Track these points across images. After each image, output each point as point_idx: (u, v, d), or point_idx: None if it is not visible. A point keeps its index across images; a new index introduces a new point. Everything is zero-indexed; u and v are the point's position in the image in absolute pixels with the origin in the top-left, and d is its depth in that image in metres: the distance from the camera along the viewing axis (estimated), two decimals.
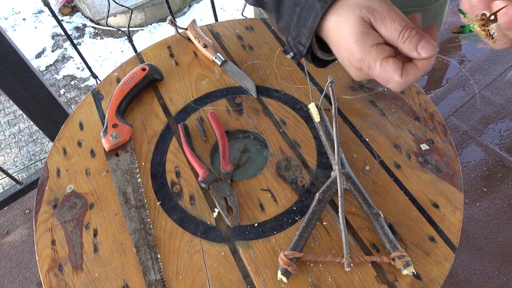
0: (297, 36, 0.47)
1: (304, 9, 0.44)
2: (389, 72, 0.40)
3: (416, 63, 0.40)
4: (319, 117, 0.62)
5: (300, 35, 0.46)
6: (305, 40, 0.46)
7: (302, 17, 0.45)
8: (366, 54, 0.40)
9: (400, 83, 0.40)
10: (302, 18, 0.45)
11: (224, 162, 0.61)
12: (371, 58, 0.40)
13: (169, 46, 0.80)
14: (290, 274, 0.50)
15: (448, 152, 0.61)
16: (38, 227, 0.59)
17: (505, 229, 1.40)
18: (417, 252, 0.52)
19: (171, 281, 0.53)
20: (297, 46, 0.48)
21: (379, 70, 0.40)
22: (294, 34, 0.47)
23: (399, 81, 0.40)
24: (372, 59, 0.40)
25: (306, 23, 0.44)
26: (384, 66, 0.40)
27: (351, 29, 0.40)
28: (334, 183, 0.56)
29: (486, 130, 1.66)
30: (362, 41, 0.40)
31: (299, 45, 0.47)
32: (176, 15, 2.66)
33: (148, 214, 0.58)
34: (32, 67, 1.12)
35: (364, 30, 0.40)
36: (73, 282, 0.54)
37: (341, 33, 0.42)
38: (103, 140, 0.64)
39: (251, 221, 0.57)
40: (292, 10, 0.46)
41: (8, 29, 2.66)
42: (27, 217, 1.59)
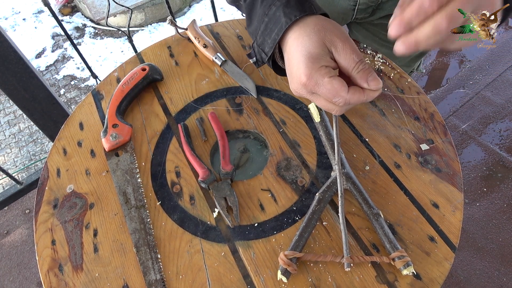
0: (262, 44, 0.50)
1: (271, 20, 0.47)
2: (337, 87, 0.42)
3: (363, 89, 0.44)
4: (319, 117, 0.62)
5: (264, 44, 0.50)
6: (268, 49, 0.49)
7: (269, 27, 0.48)
8: (315, 72, 0.43)
9: (346, 99, 0.42)
10: (268, 28, 0.48)
11: (224, 162, 0.61)
12: (320, 75, 0.43)
13: (169, 46, 0.80)
14: (290, 274, 0.50)
15: (448, 152, 0.61)
16: (38, 227, 0.59)
17: (505, 229, 1.40)
18: (417, 252, 0.52)
19: (171, 281, 0.53)
20: (260, 53, 0.51)
21: (327, 85, 0.42)
22: (260, 41, 0.50)
23: (345, 96, 0.42)
24: (321, 76, 0.43)
25: (271, 34, 0.48)
26: (332, 82, 0.42)
27: (309, 47, 0.43)
28: (334, 183, 0.56)
29: (486, 130, 1.66)
30: (315, 59, 0.43)
31: (262, 52, 0.51)
32: (176, 15, 2.66)
33: (148, 214, 0.58)
34: (32, 67, 1.12)
35: (321, 51, 0.43)
36: (73, 282, 0.54)
37: (298, 47, 0.44)
38: (103, 140, 0.64)
39: (251, 221, 0.57)
40: (261, 19, 0.49)
41: (8, 29, 2.66)
42: (27, 217, 1.59)
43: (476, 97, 1.78)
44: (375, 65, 0.72)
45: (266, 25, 0.49)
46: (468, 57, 1.96)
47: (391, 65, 0.72)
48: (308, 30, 0.44)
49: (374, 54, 0.73)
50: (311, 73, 0.43)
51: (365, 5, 0.78)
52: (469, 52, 1.97)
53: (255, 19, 0.51)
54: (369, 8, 0.79)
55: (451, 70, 1.93)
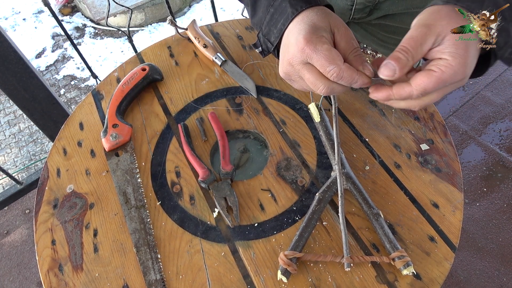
0: (267, 34, 0.51)
1: (277, 11, 0.49)
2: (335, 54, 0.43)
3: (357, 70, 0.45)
4: (319, 117, 0.62)
5: (270, 34, 0.51)
6: (274, 38, 0.51)
7: (274, 18, 0.49)
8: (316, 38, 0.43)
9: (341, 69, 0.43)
10: (274, 19, 0.49)
11: (224, 162, 0.61)
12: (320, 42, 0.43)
13: (169, 46, 0.80)
14: (290, 274, 0.50)
15: (448, 152, 0.61)
16: (38, 227, 0.59)
17: (505, 229, 1.40)
18: (417, 252, 0.52)
19: (171, 281, 0.53)
20: (266, 43, 0.53)
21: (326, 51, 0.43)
22: (265, 32, 0.52)
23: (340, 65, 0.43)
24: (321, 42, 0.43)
25: (277, 24, 0.49)
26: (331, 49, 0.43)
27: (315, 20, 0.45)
28: (334, 183, 0.56)
29: (486, 130, 1.66)
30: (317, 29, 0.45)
31: (268, 42, 0.52)
32: (176, 15, 2.66)
33: (148, 214, 0.58)
34: (32, 67, 1.12)
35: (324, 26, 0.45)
36: (73, 282, 0.54)
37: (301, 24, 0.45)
38: (103, 140, 0.64)
39: (251, 221, 0.57)
40: (266, 9, 0.50)
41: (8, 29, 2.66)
42: (27, 217, 1.59)
43: (476, 97, 1.78)
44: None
45: (272, 15, 0.50)
46: None
47: None
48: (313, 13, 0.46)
49: (374, 54, 0.73)
50: (311, 38, 0.43)
51: (362, 5, 0.78)
52: None
53: (260, 10, 0.52)
54: (367, 8, 0.79)
55: None
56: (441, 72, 0.40)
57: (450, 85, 0.42)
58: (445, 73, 0.40)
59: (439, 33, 0.40)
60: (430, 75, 0.40)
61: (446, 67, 0.40)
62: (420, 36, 0.41)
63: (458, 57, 0.39)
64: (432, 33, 0.40)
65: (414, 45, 0.41)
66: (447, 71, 0.40)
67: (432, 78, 0.40)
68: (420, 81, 0.41)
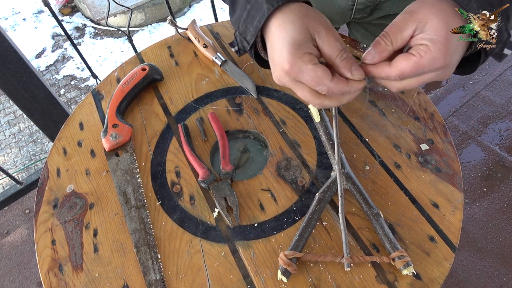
0: (244, 32, 0.49)
1: (253, 8, 0.47)
2: (321, 75, 0.42)
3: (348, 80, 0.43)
4: (319, 117, 0.62)
5: (246, 32, 0.49)
6: (250, 37, 0.48)
7: (251, 15, 0.47)
8: (299, 58, 0.42)
9: (330, 87, 0.42)
10: (250, 16, 0.47)
11: (224, 162, 0.61)
12: (303, 62, 0.42)
13: (169, 46, 0.80)
14: (290, 274, 0.50)
15: (448, 152, 0.61)
16: (38, 227, 0.59)
17: (505, 229, 1.40)
18: (417, 252, 0.52)
19: (171, 281, 0.53)
20: (242, 42, 0.50)
21: (311, 73, 0.42)
22: (242, 30, 0.49)
23: (328, 84, 0.42)
24: (304, 63, 0.42)
25: (253, 21, 0.47)
26: (316, 69, 0.42)
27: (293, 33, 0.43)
28: (334, 183, 0.56)
29: (486, 130, 1.66)
30: (298, 46, 0.42)
31: (244, 41, 0.50)
32: (176, 15, 2.66)
33: (148, 214, 0.58)
34: (32, 67, 1.12)
35: (304, 38, 0.43)
36: (73, 282, 0.54)
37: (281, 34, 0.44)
38: (103, 140, 0.64)
39: (251, 221, 0.57)
40: (243, 6, 0.48)
41: (8, 29, 2.66)
42: (27, 217, 1.59)
43: (476, 97, 1.78)
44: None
45: (249, 12, 0.48)
46: None
47: None
48: (292, 17, 0.44)
49: None
50: (294, 60, 0.42)
51: (363, 5, 0.78)
52: None
53: (238, 7, 0.50)
54: (367, 8, 0.79)
55: None
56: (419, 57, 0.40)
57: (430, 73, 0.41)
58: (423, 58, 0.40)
59: (420, 19, 0.40)
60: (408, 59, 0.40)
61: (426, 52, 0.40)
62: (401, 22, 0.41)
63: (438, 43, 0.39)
64: (413, 20, 0.41)
65: (394, 30, 0.42)
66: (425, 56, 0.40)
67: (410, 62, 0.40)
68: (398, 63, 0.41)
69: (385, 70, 0.42)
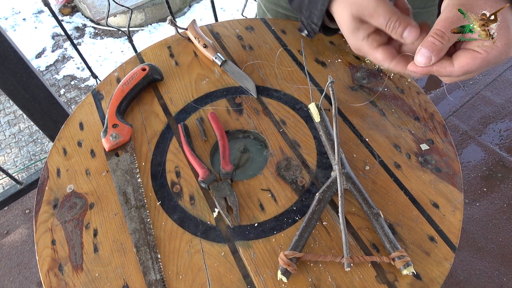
0: (310, 16, 0.54)
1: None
2: (380, 59, 0.47)
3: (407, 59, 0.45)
4: (319, 117, 0.62)
5: (312, 16, 0.53)
6: (317, 19, 0.53)
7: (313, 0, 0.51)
8: (359, 46, 0.48)
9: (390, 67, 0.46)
10: (313, 1, 0.51)
11: (224, 162, 0.61)
12: (364, 49, 0.48)
13: (169, 46, 0.80)
14: (290, 274, 0.50)
15: (448, 152, 0.61)
16: (38, 227, 0.59)
17: (505, 229, 1.40)
18: (417, 252, 0.52)
19: (171, 281, 0.53)
20: (310, 25, 0.55)
21: (371, 57, 0.48)
22: (307, 15, 0.54)
23: (389, 65, 0.46)
24: (364, 49, 0.48)
25: (317, 6, 0.51)
26: (375, 54, 0.46)
27: (345, 24, 0.47)
28: (334, 183, 0.56)
29: (486, 130, 1.66)
30: (354, 35, 0.47)
31: (312, 24, 0.54)
32: (176, 15, 2.66)
33: (148, 214, 0.58)
34: (32, 67, 1.12)
35: (355, 25, 0.46)
36: (73, 282, 0.54)
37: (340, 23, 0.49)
38: (103, 140, 0.64)
39: (251, 221, 0.57)
40: None
41: (8, 29, 2.66)
42: (27, 217, 1.59)
43: (476, 97, 1.78)
44: (376, 64, 0.72)
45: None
46: None
47: None
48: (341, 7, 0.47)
49: None
50: (357, 47, 0.48)
51: None
52: None
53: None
54: None
55: None
56: (486, 54, 0.38)
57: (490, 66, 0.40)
58: (490, 54, 0.38)
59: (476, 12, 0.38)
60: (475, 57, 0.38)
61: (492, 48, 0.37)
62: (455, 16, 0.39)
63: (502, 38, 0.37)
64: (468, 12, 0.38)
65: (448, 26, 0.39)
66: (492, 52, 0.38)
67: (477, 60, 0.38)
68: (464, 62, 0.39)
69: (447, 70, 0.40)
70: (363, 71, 0.71)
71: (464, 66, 0.39)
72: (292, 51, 0.75)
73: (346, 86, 0.70)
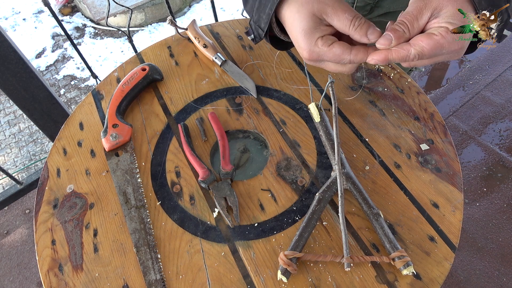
0: (258, 21, 0.51)
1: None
2: (339, 53, 0.44)
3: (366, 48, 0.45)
4: (319, 117, 0.62)
5: (260, 20, 0.51)
6: (264, 24, 0.50)
7: (262, 3, 0.49)
8: (313, 46, 0.45)
9: (350, 59, 0.45)
10: (262, 5, 0.50)
11: (224, 162, 0.61)
12: (318, 48, 0.45)
13: (169, 46, 0.80)
14: (290, 274, 0.50)
15: (448, 152, 0.61)
16: (38, 227, 0.59)
17: (505, 229, 1.40)
18: (417, 252, 0.52)
19: (171, 281, 0.53)
20: (257, 30, 0.53)
21: (329, 54, 0.45)
22: (255, 18, 0.52)
23: (348, 58, 0.44)
24: (319, 48, 0.45)
25: (265, 10, 0.49)
26: (332, 50, 0.44)
27: (301, 23, 0.45)
28: (334, 183, 0.56)
29: (486, 130, 1.66)
30: (309, 34, 0.45)
31: (259, 28, 0.52)
32: (176, 15, 2.66)
33: (148, 214, 0.58)
34: (32, 67, 1.12)
35: (313, 25, 0.45)
36: (73, 282, 0.54)
37: (293, 24, 0.46)
38: (103, 140, 0.64)
39: (251, 221, 0.57)
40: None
41: (8, 29, 2.66)
42: (27, 217, 1.59)
43: (476, 97, 1.78)
44: (375, 64, 0.72)
45: (260, 1, 0.50)
46: (468, 57, 1.96)
47: (391, 65, 0.72)
48: (297, 5, 0.46)
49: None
50: (309, 47, 0.45)
51: (363, 2, 0.78)
52: None
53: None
54: (367, 6, 0.80)
55: (451, 70, 1.93)
56: (441, 37, 0.40)
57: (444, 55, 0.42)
58: (444, 38, 0.40)
59: (435, 7, 0.41)
60: (430, 37, 0.41)
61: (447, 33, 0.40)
62: (416, 10, 0.42)
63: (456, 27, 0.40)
64: (428, 7, 0.42)
65: (410, 18, 0.42)
66: (447, 36, 0.40)
67: (432, 40, 0.40)
68: (419, 40, 0.41)
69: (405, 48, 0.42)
70: (363, 71, 0.71)
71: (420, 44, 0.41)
72: (292, 51, 0.75)
73: (346, 86, 0.70)
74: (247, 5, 0.55)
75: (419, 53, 0.41)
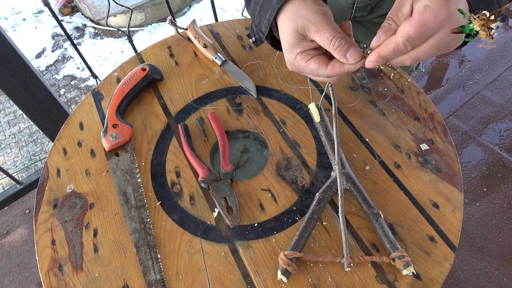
0: (259, 24, 0.53)
1: (265, 2, 0.51)
2: (315, 68, 0.47)
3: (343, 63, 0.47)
4: (319, 117, 0.62)
5: (261, 24, 0.53)
6: (264, 28, 0.53)
7: (263, 8, 0.51)
8: (293, 60, 0.48)
9: (327, 74, 0.47)
10: (263, 10, 0.51)
11: (224, 162, 0.61)
12: (297, 62, 0.48)
13: (169, 46, 0.80)
14: (290, 274, 0.50)
15: (448, 152, 0.61)
16: (38, 227, 0.59)
17: (505, 229, 1.40)
18: (417, 252, 0.52)
19: (171, 281, 0.53)
20: (258, 33, 0.55)
21: (306, 69, 0.48)
22: (257, 22, 0.54)
23: (324, 73, 0.47)
24: (298, 63, 0.48)
25: (266, 15, 0.51)
26: (309, 66, 0.47)
27: (286, 37, 0.48)
28: (334, 183, 0.56)
29: (486, 130, 1.66)
30: (291, 49, 0.48)
31: (259, 32, 0.54)
32: (176, 15, 2.66)
33: (148, 214, 0.58)
34: (32, 67, 1.12)
35: (294, 41, 0.47)
36: (73, 282, 0.54)
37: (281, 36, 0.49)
38: (103, 140, 0.64)
39: (251, 221, 0.57)
40: (256, 0, 0.53)
41: (8, 29, 2.66)
42: (27, 217, 1.59)
43: (476, 97, 1.78)
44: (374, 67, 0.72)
45: (261, 6, 0.52)
46: (468, 57, 1.96)
47: (391, 65, 0.72)
48: (286, 19, 0.48)
49: None
50: (290, 61, 0.49)
51: (364, 3, 0.78)
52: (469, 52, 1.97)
53: (252, 1, 0.55)
54: (368, 7, 0.80)
55: (451, 70, 1.93)
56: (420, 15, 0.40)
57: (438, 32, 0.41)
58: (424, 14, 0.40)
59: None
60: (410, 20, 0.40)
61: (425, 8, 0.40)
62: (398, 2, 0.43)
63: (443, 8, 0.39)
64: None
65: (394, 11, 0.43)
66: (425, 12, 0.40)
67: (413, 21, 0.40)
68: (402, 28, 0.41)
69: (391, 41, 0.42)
70: (363, 71, 0.71)
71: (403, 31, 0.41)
72: None
73: (346, 86, 0.70)
74: (249, 8, 0.57)
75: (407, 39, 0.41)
